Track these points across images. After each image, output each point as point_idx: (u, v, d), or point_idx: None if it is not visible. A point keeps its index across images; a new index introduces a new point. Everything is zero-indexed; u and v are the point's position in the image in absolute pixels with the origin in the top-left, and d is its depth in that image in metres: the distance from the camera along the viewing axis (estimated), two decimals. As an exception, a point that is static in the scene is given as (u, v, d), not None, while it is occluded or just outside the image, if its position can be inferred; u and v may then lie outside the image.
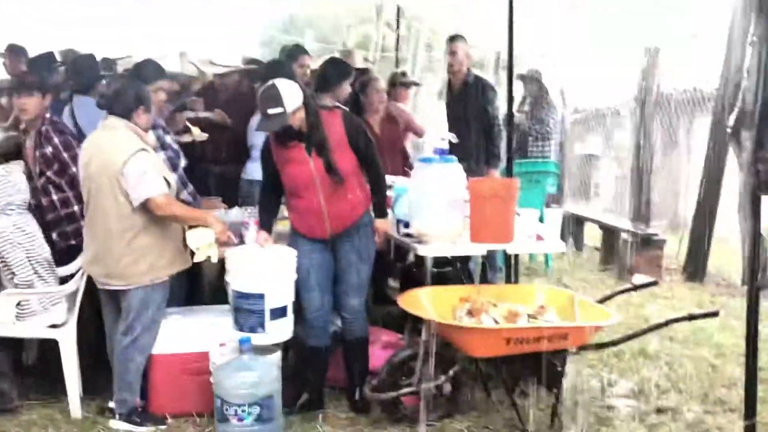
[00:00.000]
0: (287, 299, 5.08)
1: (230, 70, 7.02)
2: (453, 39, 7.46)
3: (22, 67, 8.02)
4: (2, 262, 5.31)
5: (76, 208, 5.65)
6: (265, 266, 5.07)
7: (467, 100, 7.34)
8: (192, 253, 5.16)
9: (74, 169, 5.51)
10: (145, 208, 4.94)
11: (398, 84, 8.31)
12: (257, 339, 4.98)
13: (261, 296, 4.97)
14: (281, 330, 5.07)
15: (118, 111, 5.07)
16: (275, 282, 5.02)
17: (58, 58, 8.05)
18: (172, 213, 5.00)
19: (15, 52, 8.57)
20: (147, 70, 6.00)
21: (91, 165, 5.02)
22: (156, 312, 5.15)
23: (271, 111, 4.87)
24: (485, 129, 7.28)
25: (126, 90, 5.14)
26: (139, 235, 5.00)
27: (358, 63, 8.31)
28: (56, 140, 5.66)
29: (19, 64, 8.36)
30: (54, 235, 5.71)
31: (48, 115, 5.80)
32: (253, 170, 6.34)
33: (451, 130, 7.28)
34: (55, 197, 5.67)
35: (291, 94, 4.93)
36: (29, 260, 5.35)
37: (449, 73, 7.49)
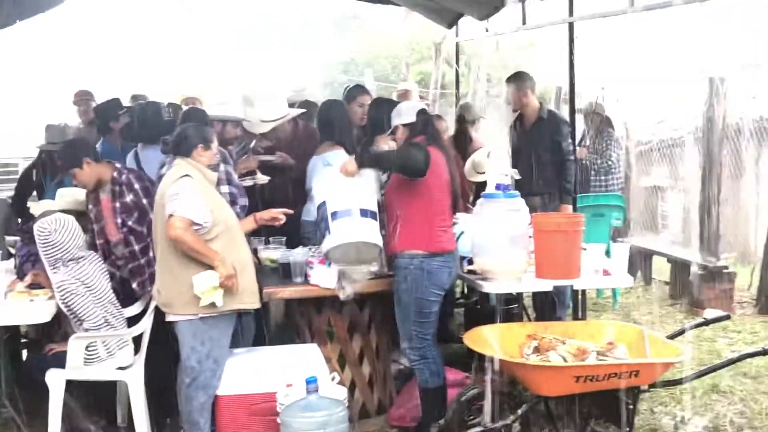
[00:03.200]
0: (353, 203, 5.31)
1: (280, 122, 7.04)
2: (522, 79, 7.46)
3: (92, 114, 8.20)
4: (70, 312, 5.39)
5: (152, 253, 5.64)
6: (326, 181, 5.55)
7: (541, 134, 7.30)
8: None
9: (152, 215, 5.57)
10: None
11: (466, 121, 8.24)
12: (326, 243, 5.31)
13: (323, 204, 5.39)
14: (345, 229, 5.28)
15: (181, 152, 5.28)
16: (334, 189, 5.39)
17: (128, 102, 8.19)
18: (181, 238, 4.93)
19: (85, 98, 8.77)
20: (193, 118, 6.13)
21: (156, 197, 5.23)
22: (214, 349, 5.15)
23: None
24: (558, 164, 7.22)
25: (185, 132, 5.33)
26: (184, 264, 5.04)
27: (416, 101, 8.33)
28: (137, 186, 5.74)
29: (89, 110, 8.56)
30: (134, 285, 5.78)
31: (118, 165, 5.90)
32: (314, 211, 6.36)
33: (522, 164, 7.24)
34: (136, 247, 5.70)
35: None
36: (96, 305, 5.43)
37: (521, 110, 7.46)
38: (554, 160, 7.23)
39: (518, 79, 7.49)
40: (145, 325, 5.57)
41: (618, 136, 10.39)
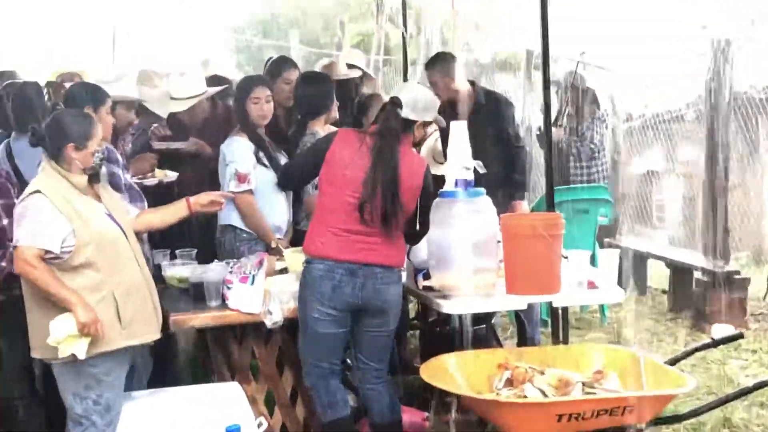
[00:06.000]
0: None
1: (196, 100, 7.02)
2: (447, 61, 7.37)
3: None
4: None
5: (3, 263, 5.58)
6: None
7: (481, 122, 7.10)
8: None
9: (5, 222, 5.51)
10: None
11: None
12: None
13: None
14: None
15: (49, 150, 5.07)
16: None
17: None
18: (27, 275, 4.87)
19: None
20: (81, 95, 6.00)
21: None
22: (104, 393, 5.08)
23: None
24: (507, 154, 7.22)
25: (56, 124, 5.10)
26: (42, 302, 4.96)
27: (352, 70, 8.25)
28: None
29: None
30: None
31: None
32: (228, 214, 6.32)
33: None
34: None
35: None
36: None
37: (452, 98, 7.31)
38: (501, 151, 7.20)
39: (442, 61, 7.37)
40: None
41: (602, 112, 10.45)
